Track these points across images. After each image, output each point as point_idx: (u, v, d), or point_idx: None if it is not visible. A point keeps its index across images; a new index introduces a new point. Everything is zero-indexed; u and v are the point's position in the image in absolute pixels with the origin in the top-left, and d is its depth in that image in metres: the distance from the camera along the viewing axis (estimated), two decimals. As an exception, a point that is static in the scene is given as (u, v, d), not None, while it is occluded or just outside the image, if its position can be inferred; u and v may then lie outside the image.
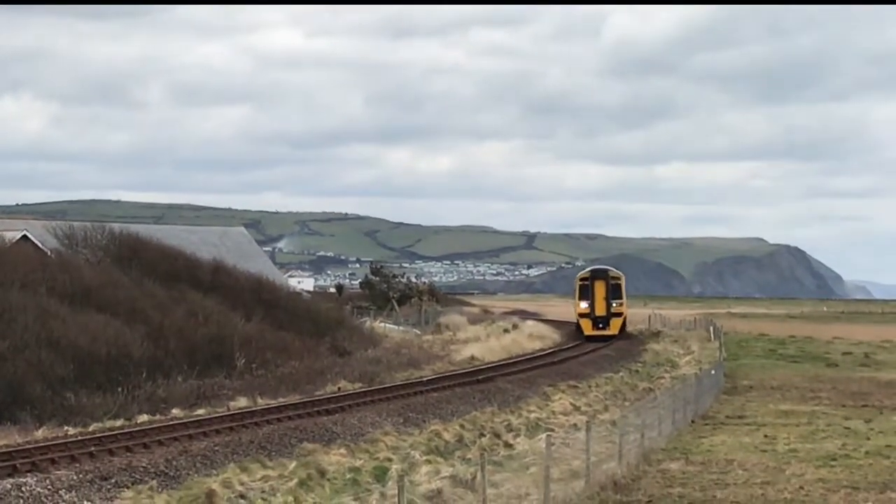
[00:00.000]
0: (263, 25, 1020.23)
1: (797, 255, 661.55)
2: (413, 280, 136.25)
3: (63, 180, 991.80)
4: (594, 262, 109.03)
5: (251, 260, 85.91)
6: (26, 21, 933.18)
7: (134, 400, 41.96)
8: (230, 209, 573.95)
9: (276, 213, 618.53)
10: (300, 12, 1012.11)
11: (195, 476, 26.75)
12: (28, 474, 25.19)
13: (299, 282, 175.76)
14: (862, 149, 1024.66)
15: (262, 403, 40.06)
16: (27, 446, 28.38)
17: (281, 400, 41.64)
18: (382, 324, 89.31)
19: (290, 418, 35.84)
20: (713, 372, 53.38)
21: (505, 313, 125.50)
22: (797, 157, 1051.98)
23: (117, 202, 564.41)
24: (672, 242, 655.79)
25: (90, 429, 33.84)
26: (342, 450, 30.78)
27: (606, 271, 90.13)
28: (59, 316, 46.95)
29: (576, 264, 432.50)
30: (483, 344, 73.78)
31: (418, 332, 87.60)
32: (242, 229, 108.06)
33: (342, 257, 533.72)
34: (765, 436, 37.61)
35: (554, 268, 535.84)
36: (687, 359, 69.91)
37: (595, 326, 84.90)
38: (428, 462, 29.22)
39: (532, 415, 40.99)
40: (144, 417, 37.07)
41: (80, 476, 25.52)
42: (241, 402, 40.92)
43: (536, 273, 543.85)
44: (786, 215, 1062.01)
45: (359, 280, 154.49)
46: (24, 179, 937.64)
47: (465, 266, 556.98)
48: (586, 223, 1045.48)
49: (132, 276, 58.52)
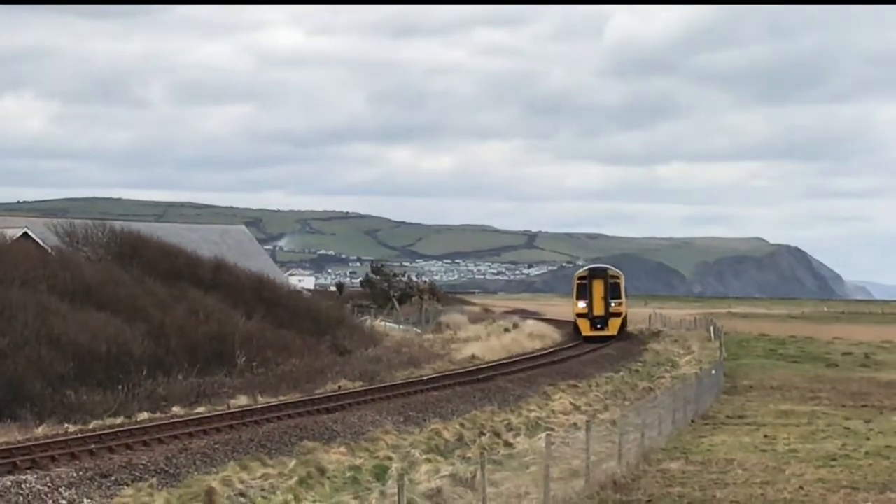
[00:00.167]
0: (265, 24, 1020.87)
1: (798, 256, 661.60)
2: (414, 279, 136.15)
3: (64, 178, 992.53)
4: (595, 262, 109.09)
5: (252, 258, 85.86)
6: (28, 19, 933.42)
7: (134, 398, 41.98)
8: (231, 207, 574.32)
9: (278, 212, 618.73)
10: (301, 11, 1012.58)
11: (195, 474, 26.77)
12: (28, 472, 25.20)
13: (300, 280, 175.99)
14: (863, 149, 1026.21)
15: (263, 402, 40.05)
16: (27, 444, 28.39)
17: (281, 398, 41.66)
18: (383, 322, 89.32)
19: (291, 416, 35.84)
20: (713, 372, 53.38)
21: (505, 312, 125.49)
22: (798, 158, 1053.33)
23: (118, 200, 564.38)
24: (673, 242, 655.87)
25: (90, 426, 33.84)
26: (342, 448, 30.78)
27: (605, 270, 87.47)
28: (60, 313, 46.96)
29: (576, 264, 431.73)
30: (483, 343, 73.77)
31: (419, 331, 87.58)
32: (243, 227, 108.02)
33: (343, 256, 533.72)
34: (765, 436, 37.61)
35: (555, 267, 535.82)
36: (687, 358, 69.90)
37: (593, 327, 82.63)
38: (428, 461, 29.21)
39: (532, 414, 40.97)
40: (145, 415, 37.09)
41: (80, 473, 25.53)
42: (242, 401, 40.93)
43: (537, 272, 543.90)
44: (786, 215, 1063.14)
45: (359, 279, 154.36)
46: (26, 177, 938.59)
47: (466, 265, 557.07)
48: (587, 223, 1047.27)
49: (133, 274, 58.51)
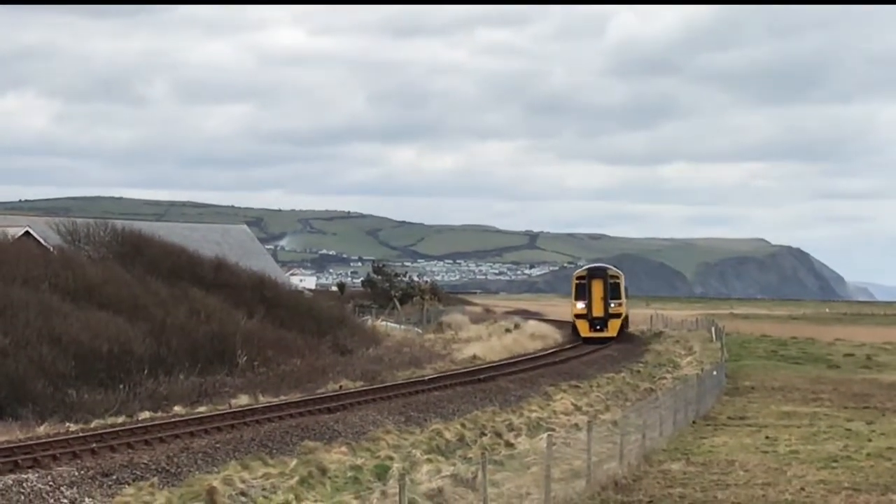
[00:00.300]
0: (266, 24, 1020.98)
1: (799, 257, 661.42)
2: (415, 279, 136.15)
3: (66, 177, 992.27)
4: (597, 263, 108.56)
5: (253, 258, 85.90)
6: (30, 18, 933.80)
7: (135, 397, 42.02)
8: (233, 207, 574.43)
9: (279, 211, 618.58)
10: (303, 11, 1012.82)
11: (196, 473, 26.78)
12: (29, 470, 25.22)
13: (301, 280, 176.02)
14: (865, 150, 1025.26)
15: (264, 401, 40.08)
16: (29, 442, 28.42)
17: (282, 398, 41.69)
18: (384, 322, 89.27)
19: (292, 416, 35.86)
20: (715, 373, 53.35)
21: (507, 313, 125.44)
22: (800, 158, 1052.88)
23: (120, 199, 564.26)
24: (674, 243, 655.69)
25: (92, 425, 33.88)
26: (343, 448, 30.78)
27: (604, 269, 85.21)
28: (62, 312, 46.99)
29: (578, 264, 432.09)
30: (485, 343, 73.77)
31: (420, 331, 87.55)
32: (245, 227, 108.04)
33: (344, 256, 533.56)
34: (766, 437, 37.58)
35: (556, 267, 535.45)
36: (688, 359, 69.86)
37: (592, 328, 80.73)
38: (429, 461, 29.21)
39: (533, 414, 40.95)
40: (146, 414, 37.12)
41: (82, 472, 25.54)
42: (243, 400, 40.97)
43: (539, 273, 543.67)
44: (788, 216, 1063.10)
45: (361, 279, 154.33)
46: (27, 176, 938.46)
47: (468, 265, 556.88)
48: (589, 223, 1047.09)
49: (135, 273, 58.53)
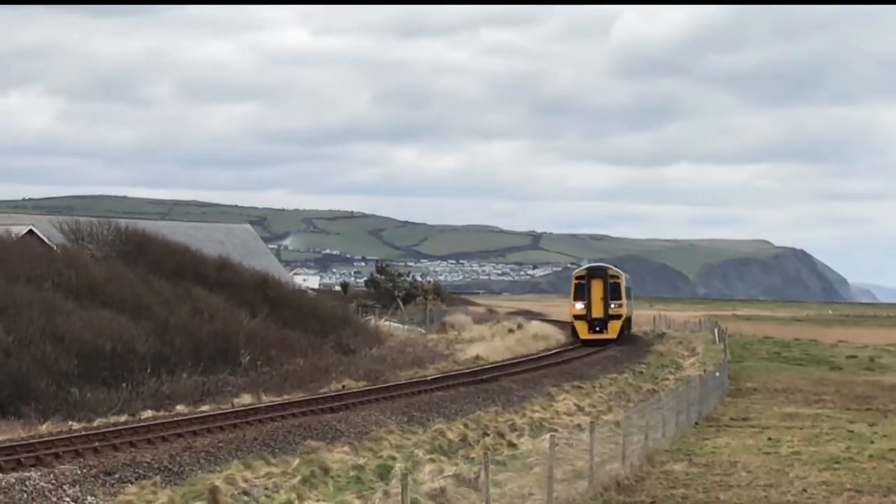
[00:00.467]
0: (270, 23, 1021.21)
1: (802, 258, 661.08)
2: (418, 279, 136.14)
3: (70, 176, 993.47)
4: (599, 263, 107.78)
5: (257, 257, 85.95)
6: (34, 17, 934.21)
7: (138, 396, 42.05)
8: (236, 206, 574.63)
9: (282, 211, 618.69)
10: (307, 10, 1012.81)
11: (199, 472, 26.79)
12: (32, 469, 25.23)
13: (304, 279, 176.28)
14: (868, 152, 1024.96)
15: (267, 400, 40.09)
16: (31, 441, 28.43)
17: (285, 397, 41.71)
18: (387, 322, 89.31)
19: (295, 416, 35.85)
20: (717, 374, 53.33)
21: (510, 313, 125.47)
22: (803, 160, 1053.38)
23: (123, 198, 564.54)
24: (677, 244, 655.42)
25: (94, 424, 33.91)
26: (346, 448, 30.78)
27: (605, 269, 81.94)
28: (65, 311, 47.01)
29: (581, 265, 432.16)
30: (488, 343, 73.78)
31: (423, 331, 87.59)
32: (248, 226, 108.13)
33: (348, 255, 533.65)
34: (769, 438, 37.56)
35: (559, 268, 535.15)
36: (691, 360, 69.86)
37: (591, 329, 78.01)
38: (431, 461, 29.20)
39: (536, 415, 40.95)
40: (148, 413, 37.14)
41: (84, 471, 25.55)
42: (246, 399, 40.99)
43: (542, 273, 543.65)
44: (791, 217, 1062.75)
45: (364, 278, 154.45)
46: (31, 174, 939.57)
47: (471, 265, 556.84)
48: (592, 224, 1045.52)
49: (138, 272, 58.55)
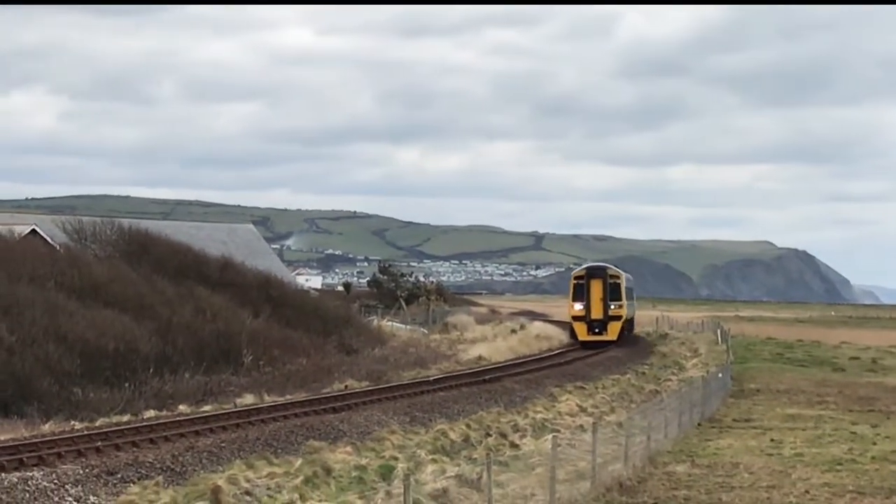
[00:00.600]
0: (274, 23, 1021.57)
1: (805, 259, 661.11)
2: (421, 279, 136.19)
3: (72, 175, 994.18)
4: (602, 264, 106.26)
5: (259, 257, 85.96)
6: (37, 16, 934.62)
7: (141, 395, 42.05)
8: (239, 206, 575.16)
9: (285, 211, 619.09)
10: (311, 10, 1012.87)
11: (201, 472, 26.78)
12: (34, 468, 25.22)
13: (307, 279, 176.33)
14: (872, 153, 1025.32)
15: (269, 400, 40.07)
16: (34, 440, 28.42)
17: (288, 397, 41.68)
18: (390, 322, 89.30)
19: (297, 416, 35.82)
20: (720, 375, 53.29)
21: (512, 314, 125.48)
22: (807, 161, 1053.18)
23: (126, 198, 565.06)
24: (680, 245, 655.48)
25: (97, 424, 33.89)
26: (348, 448, 30.78)
27: (604, 269, 79.67)
28: (68, 310, 47.02)
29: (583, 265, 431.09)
30: (490, 344, 73.73)
31: (425, 332, 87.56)
32: (251, 226, 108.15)
33: (350, 256, 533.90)
34: (771, 439, 37.56)
35: (562, 269, 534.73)
36: (694, 361, 69.83)
37: (591, 331, 75.94)
38: (434, 461, 29.20)
39: (538, 415, 40.92)
40: (151, 413, 37.13)
41: (87, 471, 25.54)
42: (248, 399, 40.97)
43: (544, 274, 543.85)
44: (795, 219, 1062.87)
45: (367, 278, 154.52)
46: (34, 174, 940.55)
47: (473, 266, 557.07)
48: (595, 224, 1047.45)
49: (140, 272, 58.56)
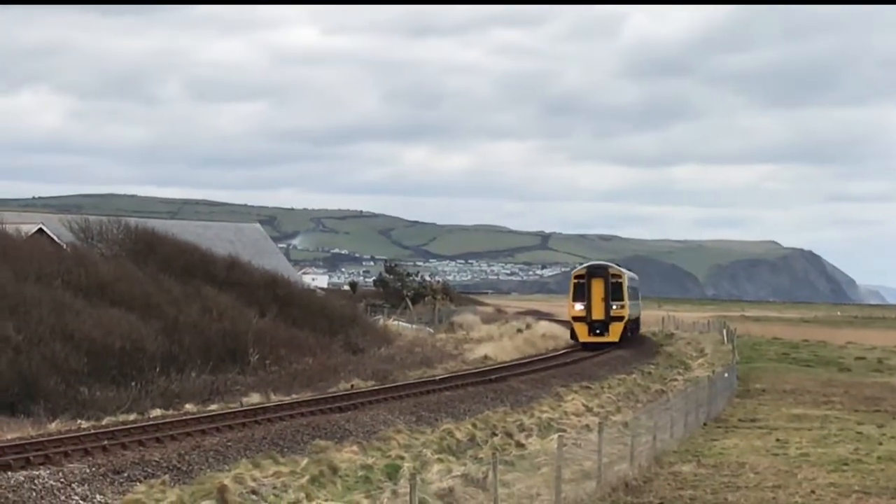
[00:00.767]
0: (280, 22, 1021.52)
1: (811, 259, 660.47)
2: (427, 279, 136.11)
3: (79, 174, 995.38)
4: (608, 263, 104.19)
5: (266, 256, 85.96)
6: (44, 16, 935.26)
7: (147, 394, 42.10)
8: (246, 205, 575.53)
9: (292, 210, 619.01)
10: (317, 10, 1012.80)
11: (207, 471, 26.80)
12: (41, 467, 25.25)
13: (313, 279, 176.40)
14: (878, 153, 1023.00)
15: (275, 400, 40.09)
16: (40, 439, 28.45)
17: (294, 396, 41.72)
18: (396, 322, 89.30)
19: (303, 415, 35.85)
20: (726, 375, 53.28)
21: (518, 313, 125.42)
22: (812, 161, 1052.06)
23: (133, 197, 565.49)
24: (686, 244, 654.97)
25: (103, 422, 33.93)
26: (354, 447, 30.79)
27: (605, 268, 77.26)
28: (74, 309, 47.08)
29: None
30: (496, 343, 73.73)
31: (431, 331, 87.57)
32: (258, 226, 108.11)
33: (356, 255, 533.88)
34: (777, 439, 37.55)
35: (568, 268, 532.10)
36: (700, 361, 69.83)
37: (592, 332, 73.82)
38: (440, 461, 29.21)
39: (544, 415, 40.92)
40: (157, 412, 37.16)
41: (93, 469, 25.58)
42: (254, 398, 41.01)
43: (550, 273, 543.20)
44: (800, 219, 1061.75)
45: (373, 278, 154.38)
46: (41, 173, 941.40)
47: (479, 265, 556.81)
48: (601, 224, 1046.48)
49: (147, 271, 58.61)
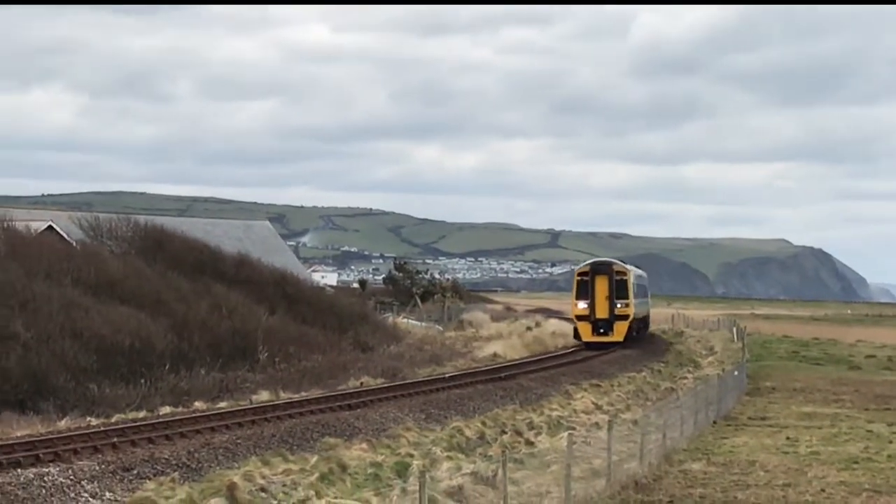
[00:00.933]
0: (292, 20, 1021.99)
1: (821, 257, 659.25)
2: (436, 276, 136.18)
3: (89, 172, 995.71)
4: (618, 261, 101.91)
5: (275, 254, 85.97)
6: (58, 13, 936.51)
7: (157, 392, 42.12)
8: (255, 203, 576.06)
9: (301, 208, 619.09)
10: (329, 8, 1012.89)
11: (217, 468, 26.82)
12: (51, 464, 25.27)
13: (323, 276, 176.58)
14: (889, 151, 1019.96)
15: (285, 397, 40.10)
16: (50, 436, 28.47)
17: (303, 394, 41.73)
18: (405, 320, 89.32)
19: (313, 412, 35.84)
20: (736, 373, 53.22)
21: (528, 311, 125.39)
22: (823, 159, 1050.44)
23: (143, 194, 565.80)
24: (696, 243, 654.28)
25: (113, 420, 33.98)
26: (364, 445, 30.78)
27: (609, 265, 75.16)
28: (84, 307, 47.12)
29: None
30: (506, 341, 73.67)
31: (441, 329, 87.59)
32: (267, 223, 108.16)
33: (366, 253, 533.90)
34: (787, 438, 37.49)
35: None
36: (710, 359, 69.75)
37: (595, 331, 71.69)
38: (449, 458, 29.18)
39: (554, 413, 40.89)
40: (167, 409, 37.19)
41: (103, 467, 25.59)
42: (264, 396, 41.03)
43: (560, 271, 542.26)
44: (811, 217, 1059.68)
45: (382, 276, 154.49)
46: (50, 170, 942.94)
47: (489, 263, 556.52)
48: (611, 222, 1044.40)
49: (156, 269, 58.64)
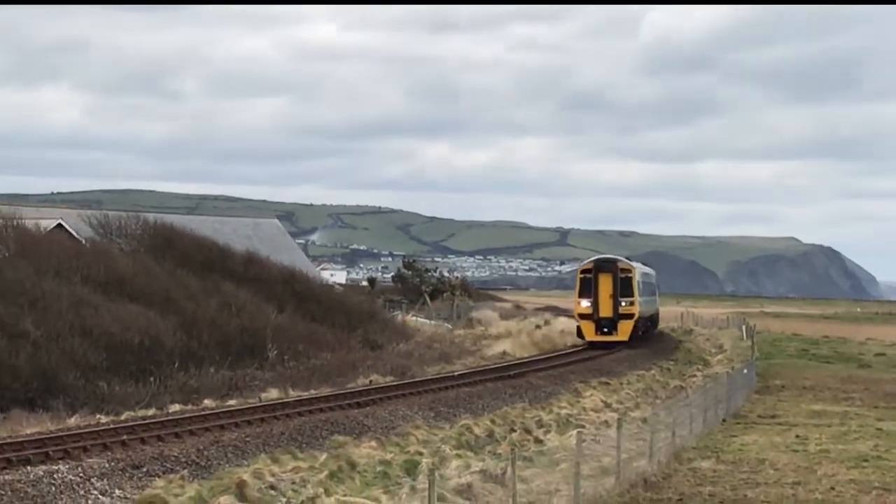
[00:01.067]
0: (302, 18, 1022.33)
1: (831, 256, 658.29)
2: (445, 274, 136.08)
3: (98, 170, 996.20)
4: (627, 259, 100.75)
5: (284, 252, 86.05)
6: (67, 11, 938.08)
7: (166, 389, 42.19)
8: (264, 201, 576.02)
9: (310, 206, 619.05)
10: (339, 6, 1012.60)
11: (226, 466, 26.86)
12: (60, 462, 25.32)
13: (332, 274, 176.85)
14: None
15: (294, 395, 40.16)
16: (60, 434, 28.53)
17: (312, 392, 41.78)
18: (414, 318, 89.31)
19: (322, 410, 35.87)
20: (745, 371, 53.16)
21: (537, 309, 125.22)
22: (834, 157, 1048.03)
23: (152, 192, 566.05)
24: (706, 241, 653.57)
25: (122, 417, 34.05)
26: (373, 443, 30.81)
27: (614, 262, 73.13)
28: (93, 304, 47.19)
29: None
30: (515, 339, 73.70)
31: (450, 327, 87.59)
32: (276, 221, 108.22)
33: (375, 251, 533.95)
34: (796, 436, 37.44)
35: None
36: (719, 357, 69.70)
37: (599, 330, 69.98)
38: (458, 456, 29.20)
39: (563, 411, 40.89)
40: (176, 407, 37.25)
41: (112, 464, 25.63)
42: (273, 394, 41.07)
43: (569, 269, 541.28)
44: (821, 215, 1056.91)
45: (391, 274, 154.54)
46: (60, 168, 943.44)
47: (498, 261, 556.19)
48: (620, 220, 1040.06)
49: (166, 266, 58.71)
